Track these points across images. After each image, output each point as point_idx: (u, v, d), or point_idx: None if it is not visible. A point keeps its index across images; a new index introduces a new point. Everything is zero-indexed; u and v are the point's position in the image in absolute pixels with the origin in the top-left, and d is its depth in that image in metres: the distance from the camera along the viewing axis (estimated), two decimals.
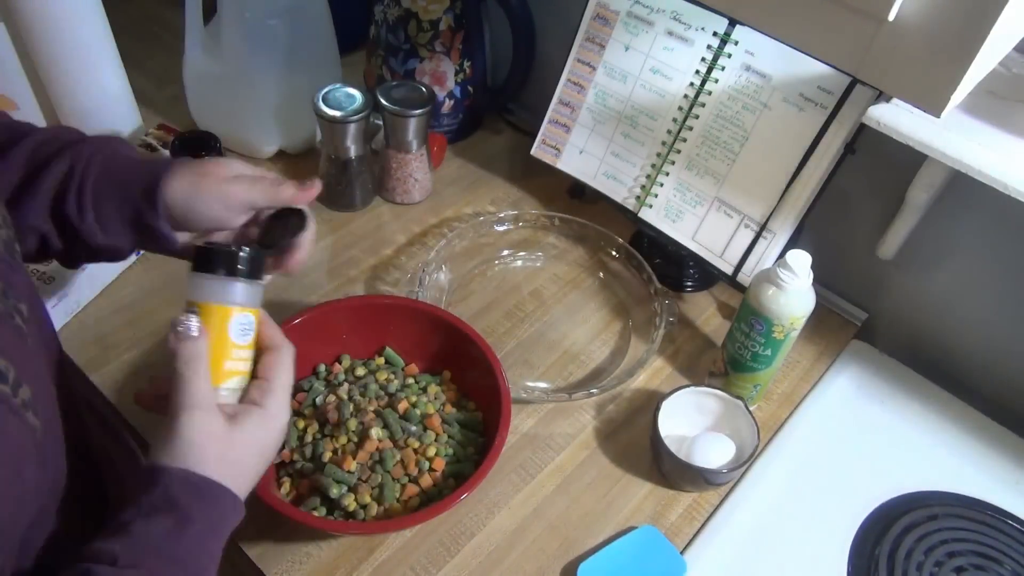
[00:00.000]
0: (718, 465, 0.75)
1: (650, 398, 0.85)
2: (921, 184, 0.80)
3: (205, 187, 0.58)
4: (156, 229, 0.58)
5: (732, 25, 0.84)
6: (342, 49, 1.06)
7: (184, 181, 0.58)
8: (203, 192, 0.58)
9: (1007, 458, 0.83)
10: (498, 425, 0.70)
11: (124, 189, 0.58)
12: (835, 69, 0.78)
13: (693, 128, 0.89)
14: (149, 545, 0.46)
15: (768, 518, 0.77)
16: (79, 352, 0.82)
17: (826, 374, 0.90)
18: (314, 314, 0.77)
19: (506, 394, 0.72)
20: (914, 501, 0.79)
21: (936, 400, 0.88)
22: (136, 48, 1.09)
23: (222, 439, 0.51)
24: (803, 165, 0.82)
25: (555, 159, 1.00)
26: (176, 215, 0.59)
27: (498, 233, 0.98)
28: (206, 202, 0.58)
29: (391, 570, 0.70)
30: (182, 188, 0.58)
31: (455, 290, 0.94)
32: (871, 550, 0.75)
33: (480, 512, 0.75)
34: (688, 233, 0.92)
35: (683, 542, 0.75)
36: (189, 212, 0.58)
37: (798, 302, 0.74)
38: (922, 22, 0.48)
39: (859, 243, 0.93)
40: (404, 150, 0.99)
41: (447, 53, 1.04)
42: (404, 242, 0.99)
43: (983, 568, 0.74)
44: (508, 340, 0.89)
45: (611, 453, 0.81)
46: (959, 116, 0.71)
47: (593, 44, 0.93)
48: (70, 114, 0.98)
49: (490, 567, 0.71)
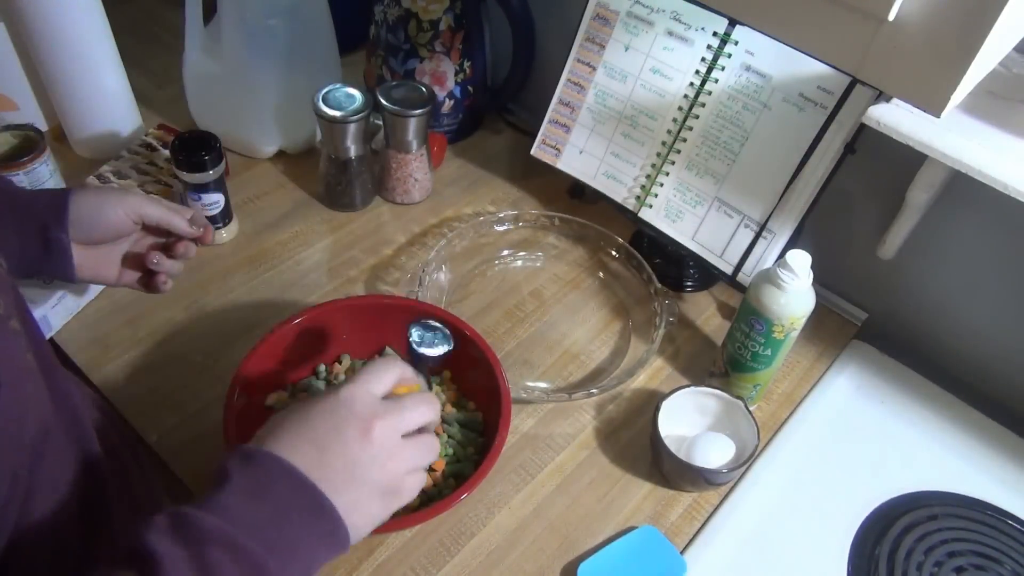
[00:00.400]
0: (718, 465, 0.75)
1: (650, 398, 0.85)
2: (921, 184, 0.80)
3: (110, 195, 0.70)
4: (57, 240, 0.66)
5: (732, 25, 0.84)
6: (342, 49, 1.06)
7: (91, 193, 0.69)
8: (109, 198, 0.69)
9: (1007, 458, 0.83)
10: (498, 425, 0.70)
11: (28, 208, 0.66)
12: (835, 69, 0.78)
13: (693, 128, 0.89)
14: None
15: (768, 518, 0.77)
16: (79, 352, 0.82)
17: (826, 374, 0.90)
18: (314, 314, 0.77)
19: (506, 394, 0.72)
20: (914, 501, 0.79)
21: (936, 400, 0.88)
22: (136, 48, 1.09)
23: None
24: (803, 165, 0.82)
25: (555, 159, 1.00)
26: (81, 224, 0.67)
27: (498, 233, 0.98)
28: (111, 205, 0.69)
29: (391, 570, 0.70)
30: (88, 199, 0.68)
31: (455, 290, 0.93)
32: (871, 550, 0.75)
33: (480, 512, 0.75)
34: (688, 233, 0.92)
35: (683, 542, 0.75)
36: (94, 217, 0.68)
37: (798, 302, 0.74)
38: (922, 22, 0.48)
39: (859, 243, 0.93)
40: (404, 150, 0.99)
41: (447, 53, 1.04)
42: (404, 242, 0.99)
43: (983, 568, 0.74)
44: (508, 340, 0.89)
45: (611, 453, 0.81)
46: (959, 116, 0.71)
47: (593, 44, 0.93)
48: (70, 114, 0.99)
49: (490, 567, 0.71)
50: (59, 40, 0.91)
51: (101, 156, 1.00)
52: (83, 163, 1.01)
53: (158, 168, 0.98)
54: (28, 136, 0.91)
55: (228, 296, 0.90)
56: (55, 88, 0.96)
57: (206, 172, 0.88)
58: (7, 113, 0.99)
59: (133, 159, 0.98)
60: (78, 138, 1.01)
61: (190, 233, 0.74)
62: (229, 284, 0.91)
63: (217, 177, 0.89)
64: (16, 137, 0.91)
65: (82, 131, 1.00)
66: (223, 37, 0.96)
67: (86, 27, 0.92)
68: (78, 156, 1.02)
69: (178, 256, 0.75)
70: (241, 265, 0.93)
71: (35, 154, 0.89)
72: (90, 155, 1.02)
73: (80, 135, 1.01)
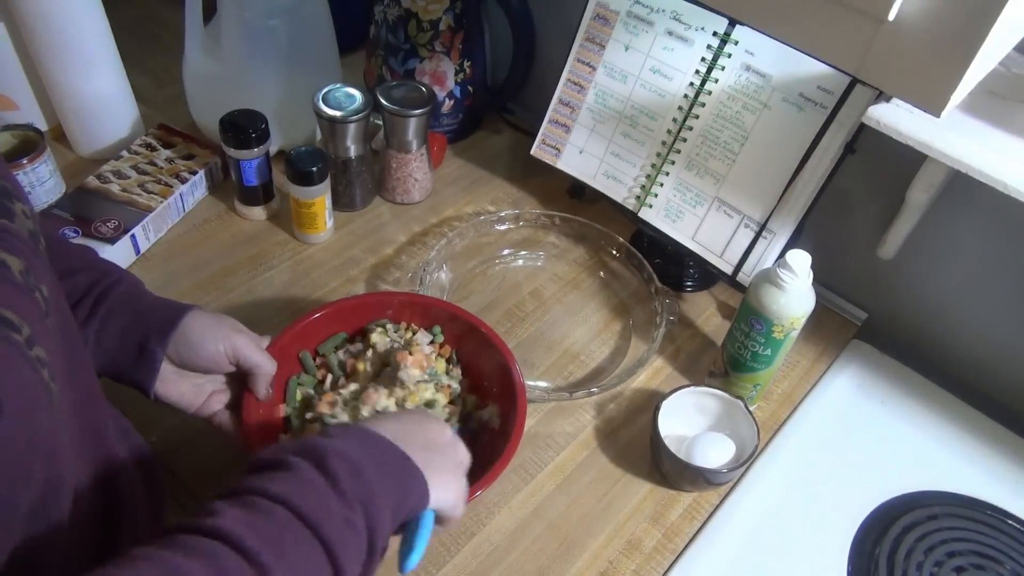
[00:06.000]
0: (718, 465, 0.75)
1: (650, 398, 0.85)
2: (921, 184, 0.80)
3: (220, 328, 0.68)
4: (152, 353, 0.65)
5: (732, 25, 0.84)
6: (342, 49, 1.06)
7: (205, 318, 0.68)
8: (217, 332, 0.67)
9: (1007, 458, 0.83)
10: (512, 423, 0.70)
11: (143, 315, 0.66)
12: (835, 69, 0.78)
13: (693, 128, 0.89)
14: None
15: (768, 518, 0.77)
16: None
17: (826, 374, 0.90)
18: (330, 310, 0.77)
19: (521, 393, 0.72)
20: (914, 501, 0.79)
21: (936, 400, 0.88)
22: (136, 48, 1.09)
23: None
24: (803, 165, 0.82)
25: (555, 159, 1.00)
26: (181, 345, 0.66)
27: (499, 232, 0.98)
28: (213, 339, 0.67)
29: (391, 570, 0.70)
30: (201, 322, 0.67)
31: (456, 289, 0.94)
32: (871, 550, 0.75)
33: (480, 512, 0.75)
34: (688, 233, 0.92)
35: (683, 542, 0.75)
36: (196, 344, 0.66)
37: (798, 302, 0.74)
38: (922, 22, 0.48)
39: (859, 243, 0.93)
40: (404, 150, 0.99)
41: (447, 53, 1.04)
42: (404, 241, 0.99)
43: (983, 568, 0.74)
44: (509, 339, 0.89)
45: (611, 453, 0.81)
46: (959, 116, 0.71)
47: (593, 44, 0.93)
48: (70, 114, 0.99)
49: (490, 567, 0.71)
50: (59, 40, 0.91)
51: (101, 156, 1.00)
52: (83, 163, 1.01)
53: (158, 168, 0.98)
54: (28, 136, 0.91)
55: (228, 296, 0.90)
56: (55, 88, 0.96)
57: (251, 149, 0.92)
58: (7, 113, 0.99)
59: (133, 159, 0.98)
60: (78, 138, 1.01)
61: (260, 397, 0.71)
62: (229, 284, 0.91)
63: (262, 156, 0.93)
64: (16, 137, 0.91)
65: (82, 131, 1.00)
66: (223, 37, 0.96)
67: (86, 27, 0.92)
68: (78, 156, 1.02)
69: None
70: (241, 264, 0.93)
71: (35, 154, 0.89)
72: (90, 155, 1.02)
73: (80, 135, 1.01)
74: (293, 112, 1.01)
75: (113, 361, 0.65)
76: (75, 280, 0.64)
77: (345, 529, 0.46)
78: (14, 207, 0.49)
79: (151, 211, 0.92)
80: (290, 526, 0.44)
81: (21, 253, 0.47)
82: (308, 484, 0.47)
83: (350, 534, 0.47)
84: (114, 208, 0.92)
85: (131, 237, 0.90)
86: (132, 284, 0.68)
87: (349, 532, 0.47)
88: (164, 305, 0.68)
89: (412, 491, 0.53)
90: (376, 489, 0.49)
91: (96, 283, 0.65)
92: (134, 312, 0.66)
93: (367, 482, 0.49)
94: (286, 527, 0.44)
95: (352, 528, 0.47)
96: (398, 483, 0.52)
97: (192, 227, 0.97)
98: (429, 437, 0.57)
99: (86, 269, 0.66)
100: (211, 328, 0.67)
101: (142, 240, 0.92)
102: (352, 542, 0.47)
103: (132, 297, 0.67)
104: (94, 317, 0.64)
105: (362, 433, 0.53)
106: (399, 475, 0.52)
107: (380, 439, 0.53)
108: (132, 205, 0.92)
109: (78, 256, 0.68)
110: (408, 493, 0.52)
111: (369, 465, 0.50)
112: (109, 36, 0.95)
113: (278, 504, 0.45)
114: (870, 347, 0.93)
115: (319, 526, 0.45)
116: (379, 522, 0.48)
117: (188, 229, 0.97)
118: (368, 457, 0.50)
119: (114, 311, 0.65)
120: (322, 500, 0.46)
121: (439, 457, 0.56)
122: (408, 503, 0.52)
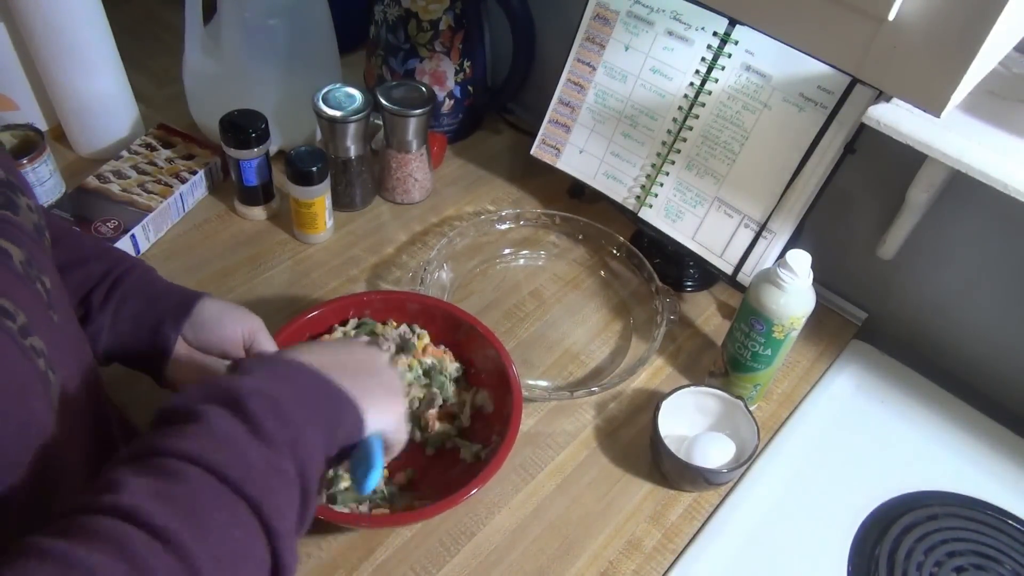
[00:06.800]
0: (718, 465, 0.75)
1: (650, 397, 0.85)
2: (921, 184, 0.80)
3: (236, 311, 0.68)
4: (165, 338, 0.65)
5: (732, 25, 0.84)
6: (342, 49, 1.06)
7: (219, 303, 0.68)
8: (234, 313, 0.68)
9: (1007, 458, 0.83)
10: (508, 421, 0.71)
11: (156, 300, 0.66)
12: (835, 69, 0.78)
13: (693, 128, 0.89)
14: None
15: (768, 518, 0.77)
16: None
17: (826, 374, 0.90)
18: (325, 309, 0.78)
19: (516, 390, 0.73)
20: (914, 501, 0.79)
21: (936, 400, 0.88)
22: (136, 48, 1.09)
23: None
24: (803, 165, 0.82)
25: (555, 159, 1.00)
26: (199, 327, 0.66)
27: (499, 232, 0.98)
28: (233, 320, 0.67)
29: (391, 570, 0.70)
30: (218, 306, 0.67)
31: (457, 288, 0.94)
32: (871, 550, 0.75)
33: (480, 512, 0.75)
34: (688, 233, 0.92)
35: (683, 542, 0.75)
36: (215, 323, 0.66)
37: (798, 302, 0.74)
38: (922, 22, 0.48)
39: (859, 243, 0.93)
40: (404, 150, 0.99)
41: (447, 53, 1.04)
42: (405, 240, 0.99)
43: (983, 568, 0.74)
44: (509, 339, 0.89)
45: (611, 453, 0.81)
46: (959, 116, 0.71)
47: (593, 44, 0.93)
48: (70, 114, 0.99)
49: (490, 567, 0.71)
50: (59, 40, 0.91)
51: (101, 156, 1.00)
52: (83, 163, 1.01)
53: (158, 168, 0.98)
54: (28, 136, 0.91)
55: (228, 296, 0.90)
56: (55, 88, 0.96)
57: (251, 149, 0.92)
58: (7, 113, 0.99)
59: (133, 159, 0.98)
60: (78, 138, 1.01)
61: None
62: (229, 283, 0.91)
63: (262, 156, 0.93)
64: (16, 137, 0.91)
65: (82, 131, 1.00)
66: (223, 37, 0.96)
67: (86, 27, 0.92)
68: (78, 156, 1.02)
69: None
70: (241, 264, 0.93)
71: (35, 154, 0.89)
72: (90, 155, 1.02)
73: (80, 135, 1.01)
74: (293, 112, 1.01)
75: (126, 345, 0.65)
76: (89, 268, 0.65)
77: (272, 477, 0.43)
78: (19, 200, 0.50)
79: (151, 211, 0.92)
80: (207, 489, 0.40)
81: (23, 244, 0.47)
82: (224, 435, 0.42)
83: (278, 482, 0.43)
84: (114, 208, 0.92)
85: (131, 237, 0.90)
86: (146, 271, 0.68)
87: (277, 480, 0.43)
88: (178, 291, 0.68)
89: (343, 420, 0.49)
90: (301, 424, 0.45)
91: (110, 270, 0.65)
92: (148, 297, 0.66)
93: (290, 419, 0.45)
94: (202, 491, 0.40)
95: (280, 474, 0.43)
96: (325, 413, 0.48)
97: (192, 227, 0.97)
98: (357, 360, 0.54)
99: (100, 257, 0.66)
100: (229, 311, 0.68)
101: (142, 240, 0.92)
102: (282, 490, 0.43)
103: (146, 283, 0.67)
104: (109, 302, 0.64)
105: (278, 363, 0.49)
106: (325, 404, 0.49)
107: (298, 367, 0.49)
108: (132, 205, 0.92)
109: (91, 246, 0.68)
110: (338, 423, 0.49)
111: (290, 399, 0.46)
112: (109, 36, 0.95)
113: (191, 464, 0.40)
114: (870, 347, 0.93)
115: (241, 483, 0.40)
116: (310, 461, 0.45)
117: (188, 229, 0.97)
118: (288, 390, 0.47)
119: (128, 296, 0.65)
120: (241, 451, 0.42)
121: (370, 380, 0.53)
122: (340, 433, 0.49)
